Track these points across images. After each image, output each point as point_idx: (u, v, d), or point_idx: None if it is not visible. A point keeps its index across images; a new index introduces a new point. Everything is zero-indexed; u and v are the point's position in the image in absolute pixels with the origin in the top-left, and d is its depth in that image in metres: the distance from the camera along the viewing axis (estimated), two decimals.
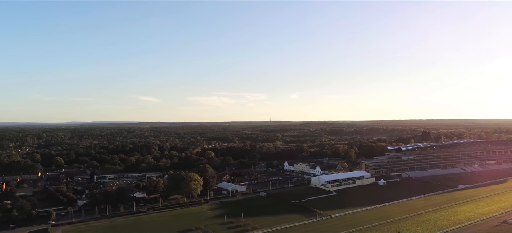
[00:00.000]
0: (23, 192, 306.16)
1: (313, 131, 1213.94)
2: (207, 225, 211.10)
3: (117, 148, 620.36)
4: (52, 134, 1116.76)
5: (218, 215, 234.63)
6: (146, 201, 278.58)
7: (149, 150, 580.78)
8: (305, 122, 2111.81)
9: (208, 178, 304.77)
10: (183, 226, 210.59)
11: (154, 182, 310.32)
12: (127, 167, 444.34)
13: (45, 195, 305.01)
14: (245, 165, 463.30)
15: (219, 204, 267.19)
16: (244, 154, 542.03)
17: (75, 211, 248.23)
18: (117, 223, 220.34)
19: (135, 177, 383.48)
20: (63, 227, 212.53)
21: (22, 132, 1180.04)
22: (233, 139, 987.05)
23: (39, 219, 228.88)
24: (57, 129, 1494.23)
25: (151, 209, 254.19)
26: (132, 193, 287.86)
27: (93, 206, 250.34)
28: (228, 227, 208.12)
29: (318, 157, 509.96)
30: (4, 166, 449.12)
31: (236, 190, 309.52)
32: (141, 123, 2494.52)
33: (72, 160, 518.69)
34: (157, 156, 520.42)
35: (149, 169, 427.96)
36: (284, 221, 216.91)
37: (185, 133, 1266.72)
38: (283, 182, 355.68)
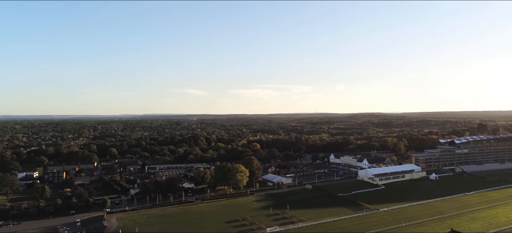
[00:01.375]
0: (81, 181, 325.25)
1: (360, 123, 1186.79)
2: (253, 216, 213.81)
3: (166, 140, 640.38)
4: (106, 126, 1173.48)
5: (263, 207, 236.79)
6: (194, 191, 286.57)
7: (196, 142, 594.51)
8: (351, 114, 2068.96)
9: (254, 170, 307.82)
10: (230, 216, 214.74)
11: (201, 173, 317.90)
12: (175, 158, 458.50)
13: (101, 184, 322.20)
14: (291, 158, 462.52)
15: (264, 195, 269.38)
16: (289, 146, 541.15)
17: (128, 200, 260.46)
18: (167, 212, 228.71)
19: (183, 168, 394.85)
20: (118, 215, 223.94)
21: (79, 124, 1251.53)
22: (278, 131, 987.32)
23: (96, 206, 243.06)
24: (110, 121, 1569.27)
25: (199, 199, 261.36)
26: (181, 183, 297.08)
27: (145, 195, 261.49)
28: (274, 219, 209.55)
29: (366, 150, 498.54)
30: (64, 156, 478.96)
31: (281, 182, 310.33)
32: (189, 115, 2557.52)
33: (124, 151, 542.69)
34: (204, 147, 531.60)
35: (197, 160, 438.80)
36: (330, 214, 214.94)
37: (231, 125, 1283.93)
38: (329, 175, 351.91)
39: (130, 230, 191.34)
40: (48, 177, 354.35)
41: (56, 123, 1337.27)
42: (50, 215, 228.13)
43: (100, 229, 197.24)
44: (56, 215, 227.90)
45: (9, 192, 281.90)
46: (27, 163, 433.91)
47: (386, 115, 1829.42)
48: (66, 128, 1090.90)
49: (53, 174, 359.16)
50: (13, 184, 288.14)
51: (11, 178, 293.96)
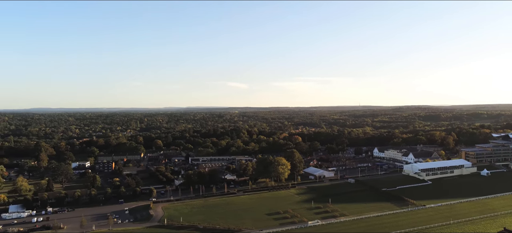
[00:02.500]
0: (129, 171, 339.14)
1: (406, 117, 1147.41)
2: (294, 209, 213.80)
3: (209, 132, 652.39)
4: (152, 118, 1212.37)
5: (305, 200, 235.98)
6: (236, 183, 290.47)
7: (238, 134, 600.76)
8: (397, 107, 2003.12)
9: (296, 162, 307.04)
10: (271, 209, 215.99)
11: (243, 165, 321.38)
12: (218, 150, 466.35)
13: (147, 174, 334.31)
14: (333, 151, 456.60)
15: (306, 189, 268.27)
16: (331, 139, 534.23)
17: (173, 190, 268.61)
18: (210, 203, 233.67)
19: (225, 160, 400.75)
20: (163, 204, 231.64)
21: (127, 117, 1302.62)
22: (320, 124, 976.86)
23: (142, 196, 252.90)
24: (156, 114, 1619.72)
25: (241, 191, 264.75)
26: (223, 175, 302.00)
27: (188, 186, 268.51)
28: (315, 212, 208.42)
29: (411, 144, 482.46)
30: (113, 147, 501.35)
31: (323, 175, 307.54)
32: (231, 108, 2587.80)
33: (169, 143, 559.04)
34: (246, 140, 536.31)
35: (239, 153, 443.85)
36: (374, 209, 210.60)
37: (273, 118, 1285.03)
38: (372, 169, 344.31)
39: (175, 219, 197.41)
40: (98, 167, 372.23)
41: (106, 116, 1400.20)
42: (100, 203, 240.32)
43: (146, 217, 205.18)
44: (106, 203, 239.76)
45: (64, 180, 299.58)
46: (79, 154, 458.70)
47: (434, 108, 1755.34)
48: (115, 120, 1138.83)
49: (103, 164, 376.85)
50: (68, 173, 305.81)
51: (66, 167, 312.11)
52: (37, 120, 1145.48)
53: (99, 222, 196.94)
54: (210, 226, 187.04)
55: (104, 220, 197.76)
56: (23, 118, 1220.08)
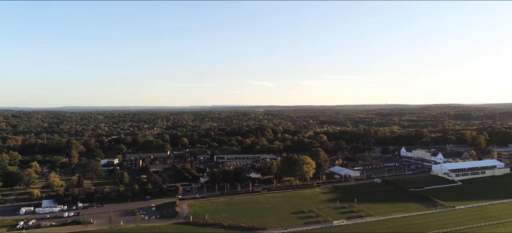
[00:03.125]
0: (155, 168, 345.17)
1: (435, 115, 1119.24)
2: (319, 208, 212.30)
3: (234, 131, 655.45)
4: (178, 117, 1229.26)
5: (330, 199, 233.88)
6: (260, 181, 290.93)
7: (263, 132, 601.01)
8: (425, 105, 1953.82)
9: (321, 161, 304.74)
10: (296, 207, 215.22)
11: (268, 164, 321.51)
12: (243, 149, 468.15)
13: (173, 172, 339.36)
14: (359, 150, 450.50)
15: (331, 188, 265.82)
16: (357, 138, 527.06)
17: (198, 187, 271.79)
18: (235, 201, 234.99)
19: (250, 158, 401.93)
20: (188, 201, 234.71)
21: (153, 115, 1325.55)
22: (346, 123, 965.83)
23: (169, 193, 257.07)
24: (182, 112, 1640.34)
25: (265, 189, 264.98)
26: (248, 173, 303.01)
27: (214, 183, 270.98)
28: (340, 212, 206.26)
29: (440, 143, 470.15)
30: (140, 145, 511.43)
31: (349, 175, 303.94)
32: (256, 106, 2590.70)
33: (195, 141, 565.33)
34: (271, 138, 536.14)
35: (263, 151, 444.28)
36: (401, 210, 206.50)
37: (298, 116, 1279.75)
38: (399, 169, 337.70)
39: (200, 216, 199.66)
40: (126, 164, 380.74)
41: (133, 114, 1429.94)
42: (128, 199, 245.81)
43: (172, 214, 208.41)
44: (134, 199, 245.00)
45: (94, 177, 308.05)
46: (108, 151, 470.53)
47: (464, 107, 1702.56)
48: (142, 118, 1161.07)
49: (130, 161, 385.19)
50: (97, 170, 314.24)
51: (95, 164, 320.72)
52: (68, 118, 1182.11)
53: (127, 218, 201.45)
54: (235, 223, 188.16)
55: (132, 216, 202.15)
56: (55, 116, 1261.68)
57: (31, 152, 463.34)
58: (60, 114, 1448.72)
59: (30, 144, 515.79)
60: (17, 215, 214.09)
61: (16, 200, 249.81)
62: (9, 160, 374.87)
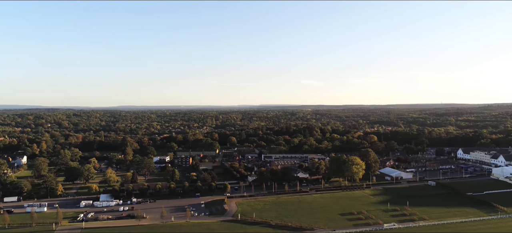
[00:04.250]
0: (205, 166, 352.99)
1: (496, 115, 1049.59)
2: (369, 210, 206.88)
3: (281, 130, 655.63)
4: (227, 116, 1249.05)
5: (380, 201, 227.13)
6: (308, 181, 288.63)
7: (311, 132, 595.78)
8: (485, 104, 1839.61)
9: (371, 162, 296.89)
10: (345, 209, 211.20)
11: (316, 164, 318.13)
12: (290, 148, 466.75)
13: (222, 170, 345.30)
14: (411, 151, 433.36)
15: (382, 190, 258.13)
16: (410, 139, 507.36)
17: (246, 186, 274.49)
18: (282, 200, 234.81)
19: (298, 158, 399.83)
20: (237, 199, 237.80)
21: (203, 114, 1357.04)
22: (397, 122, 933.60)
23: (217, 191, 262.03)
24: (230, 111, 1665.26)
25: (313, 189, 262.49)
26: (296, 173, 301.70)
27: (261, 182, 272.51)
28: (391, 215, 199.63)
29: (502, 145, 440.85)
30: (190, 143, 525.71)
31: (400, 176, 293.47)
32: (304, 106, 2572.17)
33: (243, 140, 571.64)
34: (319, 138, 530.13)
35: (311, 151, 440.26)
36: (457, 215, 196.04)
37: (347, 116, 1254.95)
38: (456, 171, 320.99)
39: (248, 215, 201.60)
40: (177, 161, 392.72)
41: (184, 113, 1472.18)
42: (179, 196, 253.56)
43: (221, 211, 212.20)
44: (184, 196, 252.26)
45: (147, 173, 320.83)
46: (160, 149, 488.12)
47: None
48: (192, 117, 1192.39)
49: (181, 159, 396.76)
50: (150, 167, 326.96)
51: (148, 161, 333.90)
52: (123, 117, 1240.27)
53: (178, 214, 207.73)
54: (282, 223, 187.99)
55: (182, 212, 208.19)
56: (112, 115, 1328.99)
57: (90, 148, 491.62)
58: (116, 113, 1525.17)
59: (89, 141, 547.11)
60: (77, 207, 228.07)
61: (77, 193, 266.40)
62: (70, 156, 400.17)
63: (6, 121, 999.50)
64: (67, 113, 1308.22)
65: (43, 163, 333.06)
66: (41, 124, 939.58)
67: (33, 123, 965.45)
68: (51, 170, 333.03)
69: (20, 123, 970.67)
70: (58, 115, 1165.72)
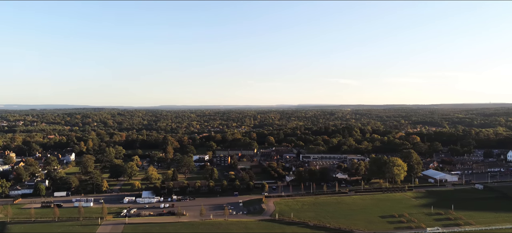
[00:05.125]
0: (243, 165, 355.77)
1: None
2: (411, 213, 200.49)
3: (320, 130, 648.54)
4: (265, 116, 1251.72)
5: (423, 205, 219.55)
6: (347, 182, 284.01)
7: (350, 132, 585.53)
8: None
9: (413, 164, 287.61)
10: (385, 211, 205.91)
11: (355, 165, 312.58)
12: (329, 148, 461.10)
13: (260, 169, 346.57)
14: (457, 153, 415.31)
15: (425, 193, 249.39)
16: (455, 140, 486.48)
17: (284, 186, 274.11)
18: (321, 201, 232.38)
19: (336, 158, 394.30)
20: (274, 199, 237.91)
21: (241, 113, 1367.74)
22: (442, 123, 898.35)
23: (255, 190, 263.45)
24: (268, 111, 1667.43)
25: (352, 190, 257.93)
26: (334, 173, 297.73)
27: (299, 182, 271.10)
28: (435, 219, 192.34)
29: None
30: (228, 142, 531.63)
31: (445, 179, 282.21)
32: (343, 105, 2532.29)
33: (281, 140, 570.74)
34: (359, 138, 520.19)
35: (350, 152, 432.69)
36: (507, 220, 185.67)
37: (388, 116, 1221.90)
38: (506, 174, 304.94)
39: (286, 215, 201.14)
40: (216, 160, 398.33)
41: (223, 113, 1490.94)
42: (217, 194, 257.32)
43: (259, 211, 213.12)
44: (222, 195, 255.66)
45: (186, 171, 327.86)
46: (199, 147, 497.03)
47: None
48: (231, 117, 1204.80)
49: (220, 158, 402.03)
50: (189, 165, 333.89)
51: (188, 159, 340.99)
52: (164, 116, 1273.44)
53: (216, 212, 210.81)
54: (320, 224, 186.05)
55: (220, 210, 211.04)
56: (153, 114, 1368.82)
57: (133, 147, 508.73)
58: (157, 112, 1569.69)
59: (132, 139, 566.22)
60: (121, 203, 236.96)
61: (121, 190, 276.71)
62: (115, 154, 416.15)
63: (56, 120, 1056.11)
64: (111, 113, 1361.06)
65: (89, 160, 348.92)
66: (88, 123, 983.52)
67: (81, 122, 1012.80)
68: (97, 167, 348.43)
69: (69, 122, 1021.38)
70: (103, 115, 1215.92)
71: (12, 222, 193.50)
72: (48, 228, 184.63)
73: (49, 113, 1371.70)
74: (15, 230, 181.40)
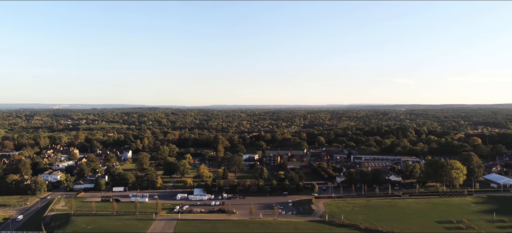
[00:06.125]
0: (292, 165, 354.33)
1: None
2: (470, 219, 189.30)
3: (372, 130, 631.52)
4: (315, 115, 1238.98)
5: (484, 211, 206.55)
6: (401, 185, 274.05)
7: (404, 133, 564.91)
8: None
9: (473, 167, 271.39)
10: (442, 216, 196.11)
11: (410, 167, 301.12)
12: (382, 149, 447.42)
13: (309, 170, 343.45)
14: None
15: (486, 198, 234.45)
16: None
17: (334, 187, 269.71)
18: (373, 203, 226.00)
19: (390, 160, 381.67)
20: (324, 200, 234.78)
21: (291, 113, 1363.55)
22: (506, 124, 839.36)
23: (305, 190, 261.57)
24: (319, 111, 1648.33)
25: (406, 194, 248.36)
26: (387, 175, 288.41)
27: (350, 184, 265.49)
28: (498, 226, 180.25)
29: None
30: (278, 142, 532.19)
31: (509, 184, 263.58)
32: (397, 105, 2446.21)
33: (331, 140, 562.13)
34: (413, 140, 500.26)
35: (405, 153, 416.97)
36: None
37: (445, 116, 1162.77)
38: None
39: (336, 216, 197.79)
40: (265, 160, 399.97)
41: (272, 112, 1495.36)
42: (266, 194, 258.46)
43: (308, 211, 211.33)
44: (272, 194, 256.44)
45: (236, 170, 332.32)
46: (249, 147, 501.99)
47: None
48: (281, 116, 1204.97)
49: (269, 157, 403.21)
50: (239, 164, 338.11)
51: (238, 158, 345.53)
52: (215, 115, 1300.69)
53: (266, 211, 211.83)
54: (372, 227, 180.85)
55: (270, 210, 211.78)
56: (205, 114, 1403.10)
57: (185, 145, 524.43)
58: (209, 112, 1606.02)
59: (185, 138, 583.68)
60: (174, 200, 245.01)
61: (174, 187, 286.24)
62: (168, 151, 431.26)
63: (115, 119, 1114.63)
64: (165, 112, 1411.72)
65: (145, 158, 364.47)
66: (144, 122, 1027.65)
67: (137, 121, 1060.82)
68: (152, 164, 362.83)
69: (126, 121, 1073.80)
70: (158, 114, 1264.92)
71: (75, 214, 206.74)
72: (107, 221, 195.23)
73: (108, 112, 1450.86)
74: (78, 221, 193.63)
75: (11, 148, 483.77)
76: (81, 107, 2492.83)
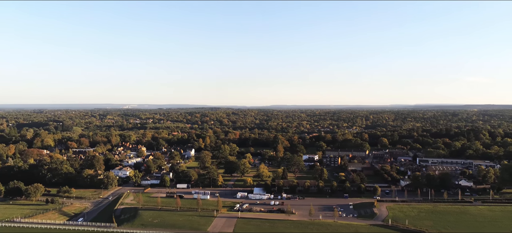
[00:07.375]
0: (353, 167, 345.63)
1: None
2: None
3: (440, 132, 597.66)
4: (378, 116, 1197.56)
5: None
6: (472, 190, 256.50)
7: (477, 135, 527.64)
8: None
9: None
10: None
11: (482, 172, 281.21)
12: (450, 152, 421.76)
13: (371, 172, 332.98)
14: None
15: None
16: None
17: (398, 190, 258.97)
18: (440, 209, 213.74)
19: (460, 163, 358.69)
20: (387, 204, 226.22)
21: (353, 114, 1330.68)
22: None
23: (366, 193, 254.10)
24: (382, 111, 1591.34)
25: (479, 200, 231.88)
26: (457, 180, 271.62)
27: (415, 188, 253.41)
28: None
29: None
30: (339, 143, 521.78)
31: None
32: (468, 105, 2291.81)
33: (395, 141, 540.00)
34: (487, 142, 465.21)
35: (477, 157, 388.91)
36: None
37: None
38: None
39: (400, 221, 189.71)
40: (325, 160, 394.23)
41: (333, 113, 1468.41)
42: (326, 195, 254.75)
43: (370, 215, 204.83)
44: (332, 196, 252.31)
45: (296, 170, 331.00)
46: (309, 147, 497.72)
47: None
48: (341, 117, 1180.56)
49: (329, 158, 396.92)
50: (299, 164, 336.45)
51: (298, 159, 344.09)
52: (275, 115, 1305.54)
53: (325, 212, 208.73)
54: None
55: (330, 212, 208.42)
56: (265, 114, 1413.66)
57: (245, 144, 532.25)
58: (269, 112, 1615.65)
59: (245, 138, 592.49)
60: (234, 198, 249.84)
61: (234, 185, 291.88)
62: (229, 151, 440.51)
63: (179, 118, 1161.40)
64: (226, 112, 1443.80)
65: (207, 156, 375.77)
66: (206, 121, 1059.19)
67: (200, 121, 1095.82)
68: (213, 163, 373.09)
69: (189, 120, 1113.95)
70: (219, 114, 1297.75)
71: (142, 208, 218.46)
72: (171, 216, 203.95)
73: (173, 112, 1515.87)
74: (145, 215, 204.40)
75: (86, 145, 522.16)
76: (148, 107, 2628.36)
